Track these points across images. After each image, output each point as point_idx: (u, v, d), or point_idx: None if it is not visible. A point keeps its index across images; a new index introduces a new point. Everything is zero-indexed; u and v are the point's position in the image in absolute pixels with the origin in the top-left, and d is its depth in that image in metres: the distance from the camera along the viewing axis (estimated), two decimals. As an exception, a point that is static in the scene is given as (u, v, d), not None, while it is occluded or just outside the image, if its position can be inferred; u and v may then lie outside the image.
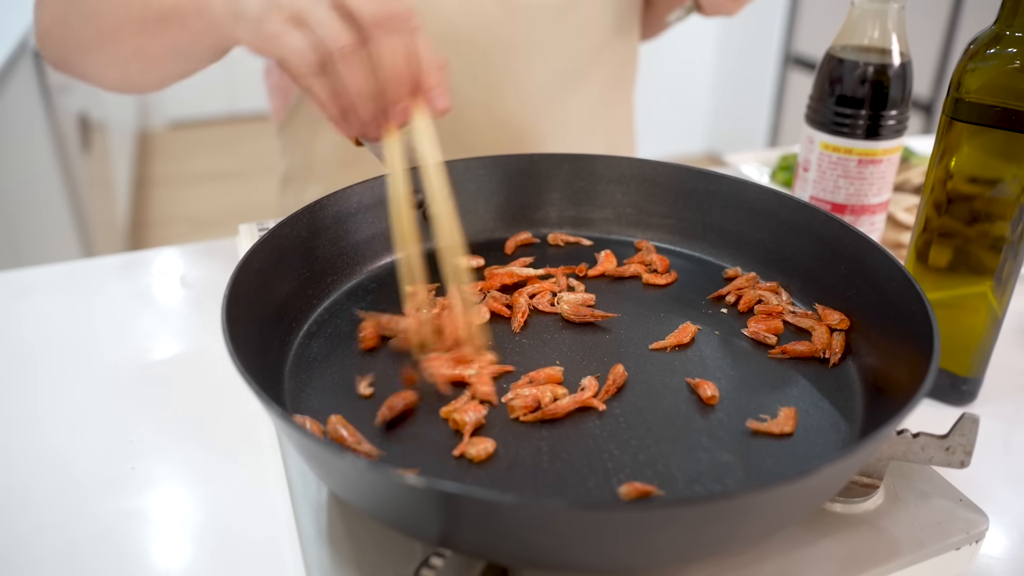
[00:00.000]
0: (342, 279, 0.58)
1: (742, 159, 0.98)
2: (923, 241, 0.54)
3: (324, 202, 0.56)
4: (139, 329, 0.66)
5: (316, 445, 0.34)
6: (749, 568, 0.40)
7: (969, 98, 0.50)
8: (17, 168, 1.44)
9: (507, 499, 0.31)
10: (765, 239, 0.60)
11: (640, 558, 0.34)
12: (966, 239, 0.52)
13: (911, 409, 0.37)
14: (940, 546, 0.41)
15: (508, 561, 0.37)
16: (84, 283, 0.73)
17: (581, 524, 0.32)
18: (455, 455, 0.43)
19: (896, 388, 0.45)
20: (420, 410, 0.46)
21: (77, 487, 0.49)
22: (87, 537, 0.46)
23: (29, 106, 1.54)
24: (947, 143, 0.51)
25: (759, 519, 0.35)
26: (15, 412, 0.56)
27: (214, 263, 0.76)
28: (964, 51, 0.50)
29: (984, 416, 0.53)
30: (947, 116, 0.51)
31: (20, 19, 1.53)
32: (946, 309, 0.53)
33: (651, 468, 0.42)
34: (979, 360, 0.55)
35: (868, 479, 0.44)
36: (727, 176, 0.62)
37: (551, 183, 0.66)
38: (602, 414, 0.46)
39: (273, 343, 0.50)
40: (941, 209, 0.52)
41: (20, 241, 1.41)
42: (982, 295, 0.53)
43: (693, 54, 3.20)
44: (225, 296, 0.44)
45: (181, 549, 0.45)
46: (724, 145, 3.28)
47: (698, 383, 0.48)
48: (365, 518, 0.42)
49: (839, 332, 0.52)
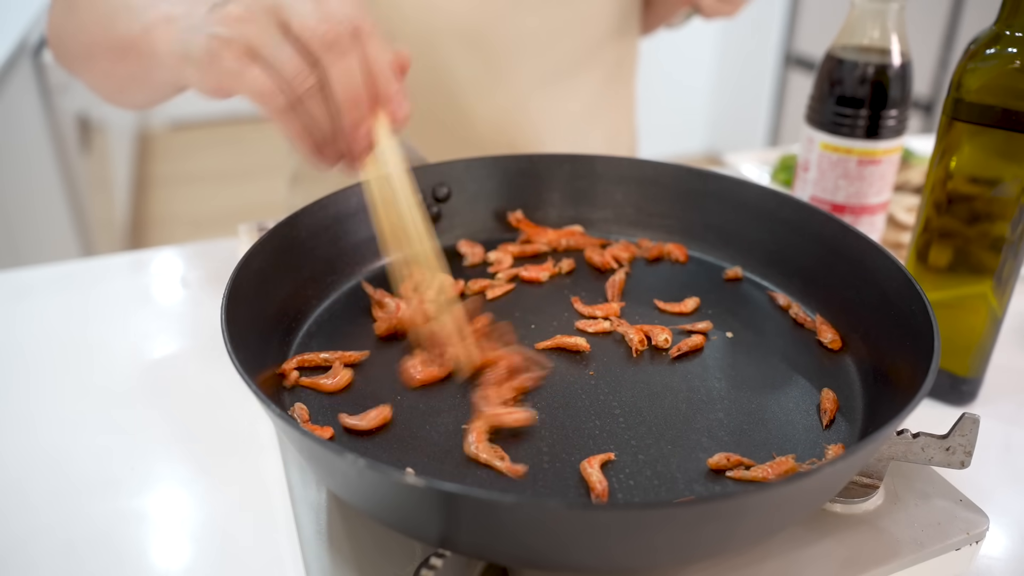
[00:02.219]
0: (342, 279, 0.58)
1: (742, 159, 0.98)
2: (923, 241, 0.54)
3: (324, 202, 0.56)
4: (138, 329, 0.66)
5: (316, 445, 0.34)
6: (749, 568, 0.40)
7: (969, 98, 0.50)
8: (16, 168, 1.44)
9: (507, 499, 0.31)
10: (765, 239, 0.60)
11: (640, 558, 0.34)
12: (966, 239, 0.52)
13: (911, 409, 0.37)
14: (940, 546, 0.41)
15: (508, 561, 0.37)
16: (83, 283, 0.73)
17: (581, 524, 0.32)
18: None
19: (896, 388, 0.45)
20: (419, 411, 0.46)
21: (75, 487, 0.49)
22: (85, 538, 0.45)
23: (28, 106, 1.54)
24: (947, 143, 0.51)
25: (759, 519, 0.35)
26: (13, 412, 0.56)
27: (214, 263, 0.76)
28: (964, 51, 0.50)
29: (984, 416, 0.53)
30: (947, 116, 0.51)
31: (20, 19, 1.53)
32: (946, 309, 0.53)
33: (651, 468, 0.42)
34: (979, 360, 0.55)
35: (868, 479, 0.44)
36: (727, 176, 0.62)
37: (551, 183, 0.66)
38: (602, 414, 0.46)
39: (273, 343, 0.50)
40: (941, 209, 0.52)
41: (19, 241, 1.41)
42: (982, 295, 0.53)
43: (693, 54, 3.20)
44: (225, 296, 0.44)
45: (180, 550, 0.45)
46: (724, 145, 3.28)
47: (648, 329, 0.53)
48: (365, 518, 0.42)
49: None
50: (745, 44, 3.05)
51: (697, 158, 3.34)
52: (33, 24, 1.58)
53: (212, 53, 0.45)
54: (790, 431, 0.45)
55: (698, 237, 0.64)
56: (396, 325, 0.52)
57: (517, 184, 0.66)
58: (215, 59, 0.45)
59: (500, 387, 0.47)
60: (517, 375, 0.48)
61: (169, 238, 2.66)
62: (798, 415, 0.47)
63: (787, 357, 0.52)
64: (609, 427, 0.45)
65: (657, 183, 0.65)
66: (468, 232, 0.65)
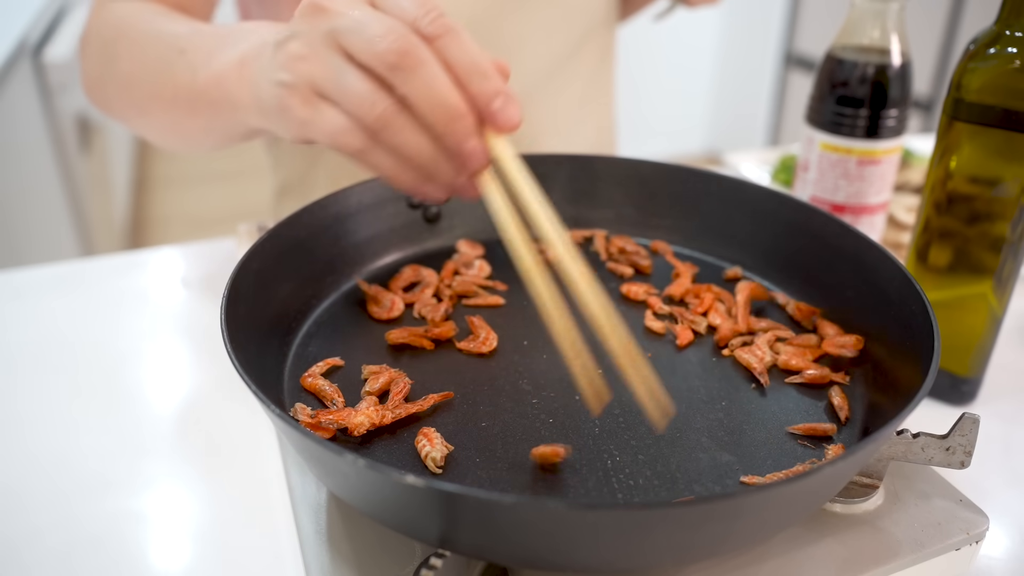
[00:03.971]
0: (342, 279, 0.58)
1: (742, 159, 0.98)
2: (923, 241, 0.54)
3: (324, 202, 0.56)
4: (138, 329, 0.66)
5: (316, 445, 0.34)
6: (749, 568, 0.40)
7: (969, 98, 0.50)
8: (16, 168, 1.44)
9: (507, 499, 0.31)
10: (765, 239, 0.60)
11: (640, 559, 0.34)
12: (966, 239, 0.52)
13: (911, 410, 0.37)
14: (940, 546, 0.41)
15: (508, 561, 0.37)
16: (83, 283, 0.73)
17: (581, 524, 0.32)
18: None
19: (896, 388, 0.45)
20: (420, 410, 0.46)
21: (75, 488, 0.49)
22: (86, 538, 0.45)
23: (28, 106, 1.54)
24: (947, 143, 0.51)
25: (759, 520, 0.35)
26: (13, 412, 0.56)
27: (214, 263, 0.76)
28: (964, 51, 0.50)
29: (984, 416, 0.53)
30: (947, 116, 0.51)
31: (20, 19, 1.53)
32: (946, 309, 0.53)
33: (651, 468, 0.42)
34: (979, 360, 0.55)
35: (868, 479, 0.44)
36: (727, 176, 0.62)
37: (551, 183, 0.66)
38: (602, 414, 0.46)
39: (273, 343, 0.50)
40: (941, 209, 0.52)
41: (19, 241, 1.41)
42: (982, 295, 0.53)
43: (693, 54, 3.20)
44: (225, 296, 0.44)
45: (180, 550, 0.45)
46: (724, 145, 3.28)
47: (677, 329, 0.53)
48: (365, 518, 0.42)
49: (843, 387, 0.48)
50: (745, 44, 3.05)
51: (697, 158, 3.34)
52: (33, 24, 1.58)
53: (282, 104, 0.41)
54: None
55: (698, 237, 0.64)
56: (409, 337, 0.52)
57: (517, 184, 0.66)
58: (286, 111, 0.41)
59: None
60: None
61: (169, 238, 2.66)
62: (798, 415, 0.46)
63: (787, 357, 0.52)
64: (609, 427, 0.45)
65: (657, 183, 0.65)
66: (468, 232, 0.65)
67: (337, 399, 0.46)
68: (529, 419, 0.46)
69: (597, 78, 0.90)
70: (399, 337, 0.52)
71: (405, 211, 0.62)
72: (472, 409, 0.46)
